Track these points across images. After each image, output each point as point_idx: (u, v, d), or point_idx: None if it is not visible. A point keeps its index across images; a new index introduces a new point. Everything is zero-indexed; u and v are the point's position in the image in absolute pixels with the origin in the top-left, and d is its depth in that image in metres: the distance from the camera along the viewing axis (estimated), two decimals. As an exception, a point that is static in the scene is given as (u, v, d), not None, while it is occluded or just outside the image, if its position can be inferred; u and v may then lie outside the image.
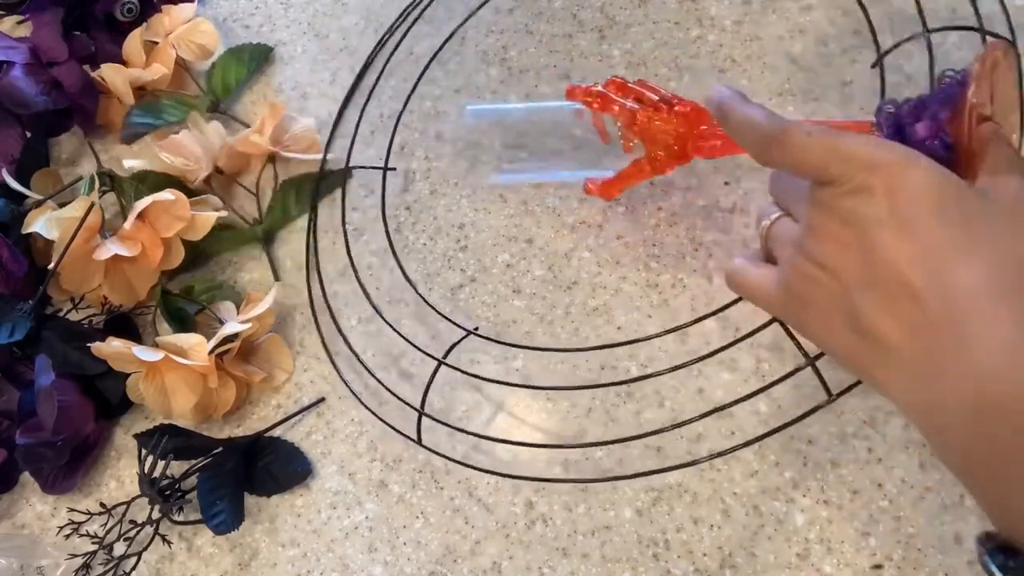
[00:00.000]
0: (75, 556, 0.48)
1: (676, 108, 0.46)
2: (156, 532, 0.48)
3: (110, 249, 0.51)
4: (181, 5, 0.63)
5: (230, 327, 0.50)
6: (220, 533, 0.46)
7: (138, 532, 0.48)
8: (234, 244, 0.57)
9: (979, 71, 0.35)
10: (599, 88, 0.48)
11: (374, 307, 0.52)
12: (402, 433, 0.48)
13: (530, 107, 0.52)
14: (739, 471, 0.46)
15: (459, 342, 0.49)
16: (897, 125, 0.37)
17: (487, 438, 0.47)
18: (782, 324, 0.40)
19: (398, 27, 0.61)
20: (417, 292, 0.52)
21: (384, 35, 0.61)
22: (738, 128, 0.35)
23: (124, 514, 0.49)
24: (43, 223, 0.53)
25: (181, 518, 0.48)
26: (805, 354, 0.41)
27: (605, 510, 0.46)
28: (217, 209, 0.55)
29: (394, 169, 0.57)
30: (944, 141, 0.36)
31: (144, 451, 0.48)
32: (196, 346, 0.49)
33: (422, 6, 0.61)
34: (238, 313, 0.53)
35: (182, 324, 0.53)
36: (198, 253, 0.56)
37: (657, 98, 0.46)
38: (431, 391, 0.48)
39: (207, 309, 0.53)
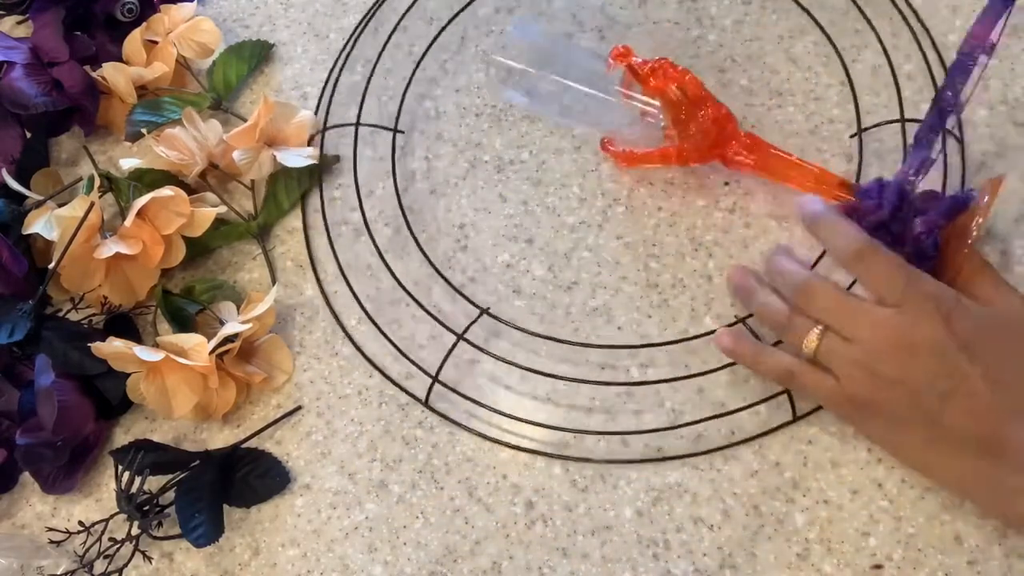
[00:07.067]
0: None
1: (711, 111, 0.48)
2: (136, 548, 0.48)
3: (111, 248, 0.51)
4: (181, 4, 0.63)
5: (230, 327, 0.50)
6: (199, 546, 0.46)
7: (118, 549, 0.48)
8: (230, 239, 0.57)
9: (987, 203, 0.41)
10: (651, 65, 0.49)
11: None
12: (409, 392, 0.50)
13: (570, 45, 0.55)
14: (739, 471, 0.46)
15: (476, 320, 0.50)
16: (896, 202, 0.43)
17: (502, 413, 0.48)
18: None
19: (375, 13, 0.61)
20: (436, 271, 0.53)
21: (365, 16, 0.61)
22: (829, 235, 0.44)
23: (103, 532, 0.49)
24: (44, 224, 0.52)
25: (161, 533, 0.48)
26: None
27: (605, 510, 0.46)
28: (215, 205, 0.55)
29: (403, 132, 0.58)
30: (935, 242, 0.43)
31: (120, 467, 0.47)
32: (197, 346, 0.49)
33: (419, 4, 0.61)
34: (238, 313, 0.53)
35: (182, 324, 0.53)
36: (197, 250, 0.56)
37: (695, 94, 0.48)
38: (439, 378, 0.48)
39: (207, 309, 0.53)
